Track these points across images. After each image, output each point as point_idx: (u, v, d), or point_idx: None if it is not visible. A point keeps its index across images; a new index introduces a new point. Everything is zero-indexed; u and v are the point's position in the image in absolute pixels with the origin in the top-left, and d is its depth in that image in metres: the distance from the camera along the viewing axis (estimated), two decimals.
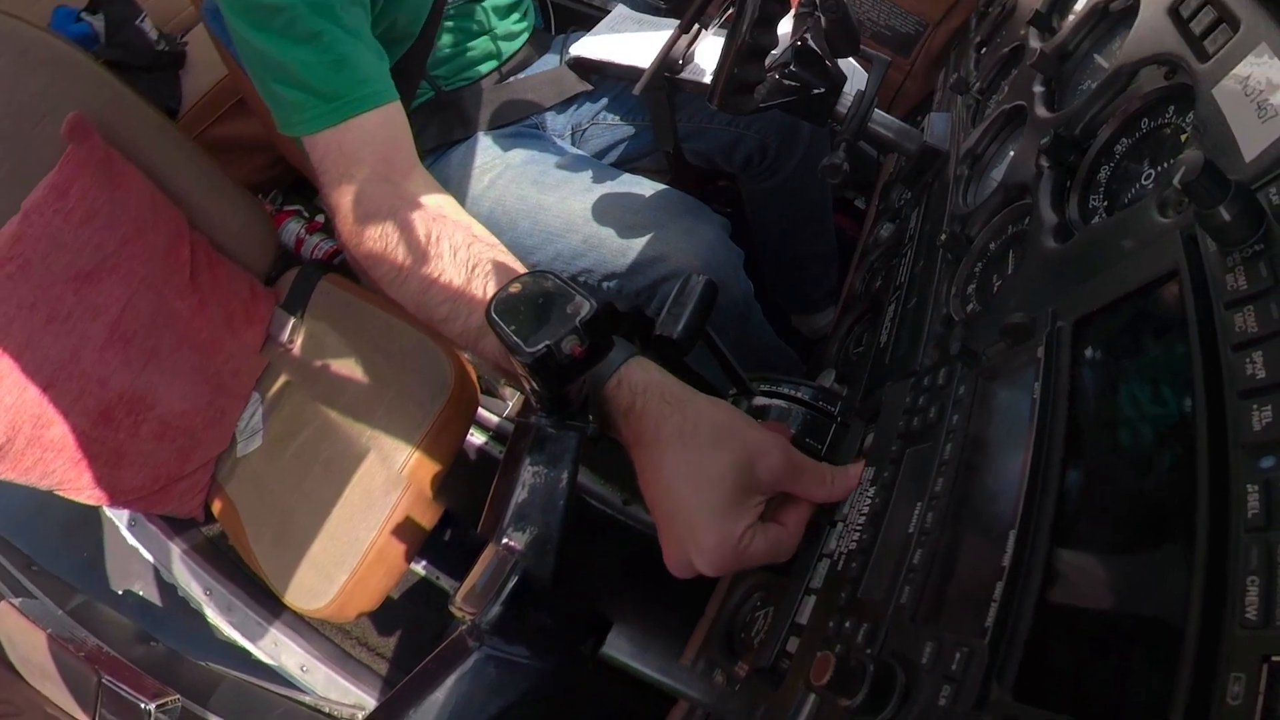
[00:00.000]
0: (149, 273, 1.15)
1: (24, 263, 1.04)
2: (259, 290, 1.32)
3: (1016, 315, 0.48)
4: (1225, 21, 0.44)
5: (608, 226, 1.06)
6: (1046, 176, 0.60)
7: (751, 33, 0.69)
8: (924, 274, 0.77)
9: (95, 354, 1.10)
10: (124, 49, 1.73)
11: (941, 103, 1.09)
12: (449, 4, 1.08)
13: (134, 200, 1.14)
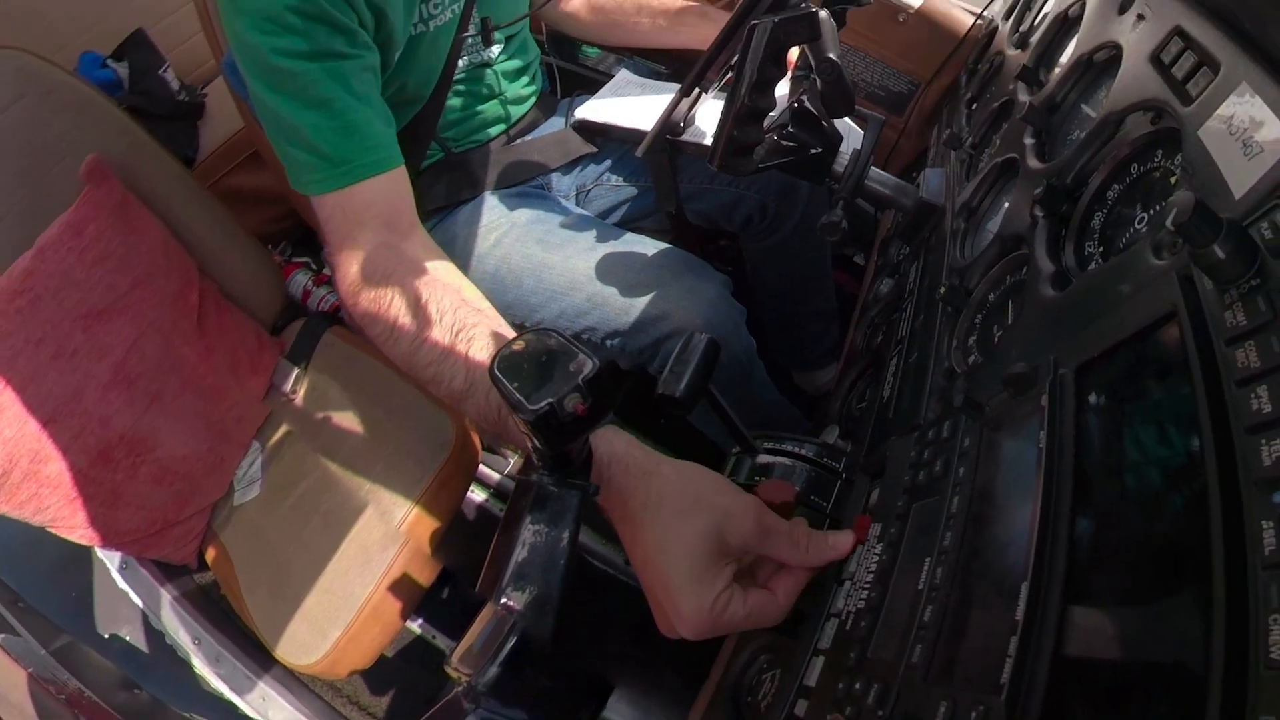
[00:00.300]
0: (158, 316, 1.16)
1: (34, 297, 1.05)
2: (265, 339, 1.33)
3: (1018, 365, 0.48)
4: (1206, 65, 0.46)
5: (611, 285, 1.07)
6: (1041, 226, 0.61)
7: (750, 96, 0.71)
8: (924, 328, 0.77)
9: (98, 393, 1.10)
10: (146, 97, 1.79)
11: (936, 158, 1.12)
12: (459, 69, 1.12)
13: (147, 244, 1.16)
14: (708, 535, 0.57)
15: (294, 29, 0.80)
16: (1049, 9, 0.90)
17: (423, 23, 1.00)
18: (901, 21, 1.37)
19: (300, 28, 0.80)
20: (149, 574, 1.26)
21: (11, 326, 1.03)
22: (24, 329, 1.04)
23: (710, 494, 0.60)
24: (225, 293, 1.30)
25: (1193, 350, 0.35)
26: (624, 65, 1.53)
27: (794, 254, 1.38)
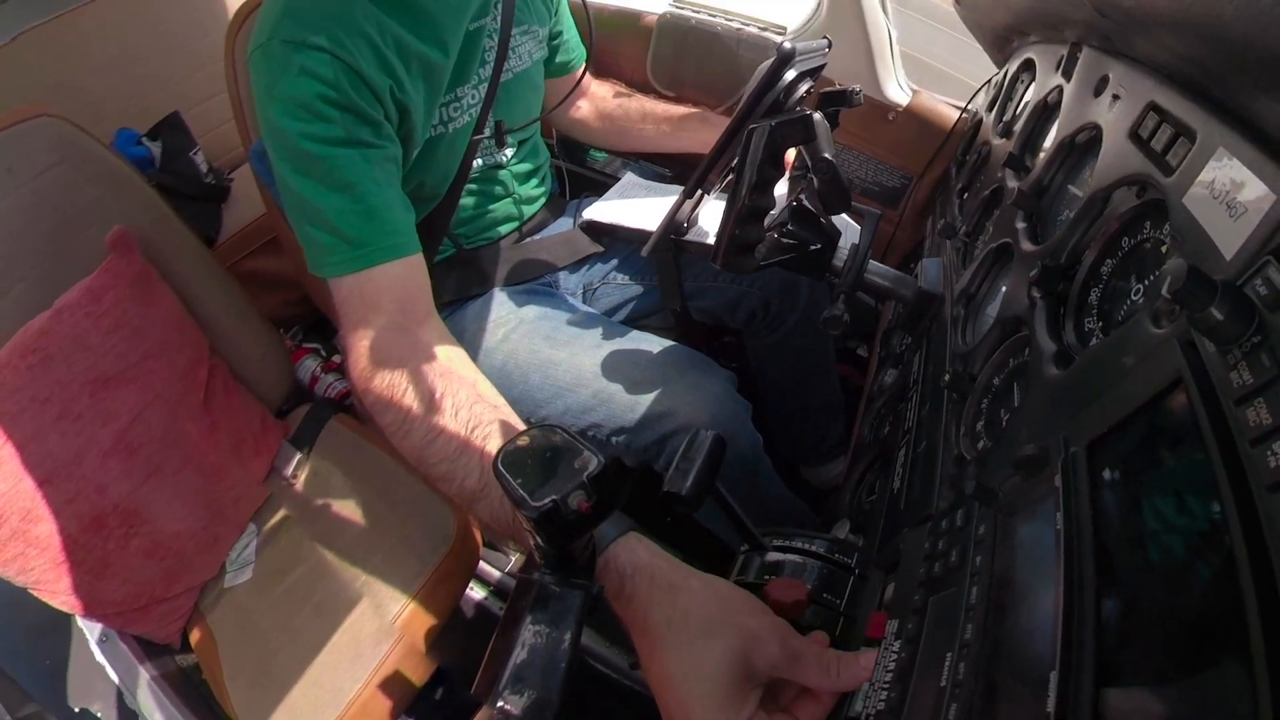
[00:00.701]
0: (165, 390, 1.18)
1: (46, 357, 1.07)
2: (270, 422, 1.34)
3: (1028, 447, 0.48)
4: (1182, 135, 0.47)
5: (616, 382, 1.08)
6: (1040, 307, 0.62)
7: (750, 196, 0.74)
8: (931, 416, 0.77)
9: (98, 459, 1.10)
10: (175, 176, 1.88)
11: (932, 249, 1.14)
12: (474, 169, 1.18)
13: (162, 317, 1.19)
14: (734, 659, 0.55)
15: (324, 116, 0.86)
16: (1029, 98, 0.95)
17: (442, 124, 1.06)
18: (891, 120, 1.45)
19: (330, 116, 0.86)
20: (129, 649, 1.21)
21: (20, 383, 1.05)
22: (32, 386, 1.05)
23: (738, 615, 0.57)
24: (234, 372, 1.33)
25: (1202, 414, 0.34)
26: (630, 168, 1.61)
27: (797, 349, 1.39)
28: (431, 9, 0.97)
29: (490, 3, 1.08)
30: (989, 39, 1.22)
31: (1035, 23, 0.92)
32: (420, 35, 0.96)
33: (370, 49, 0.89)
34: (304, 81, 0.85)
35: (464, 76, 1.06)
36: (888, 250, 1.51)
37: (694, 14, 1.60)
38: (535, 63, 1.22)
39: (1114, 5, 0.52)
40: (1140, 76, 0.59)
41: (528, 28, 1.18)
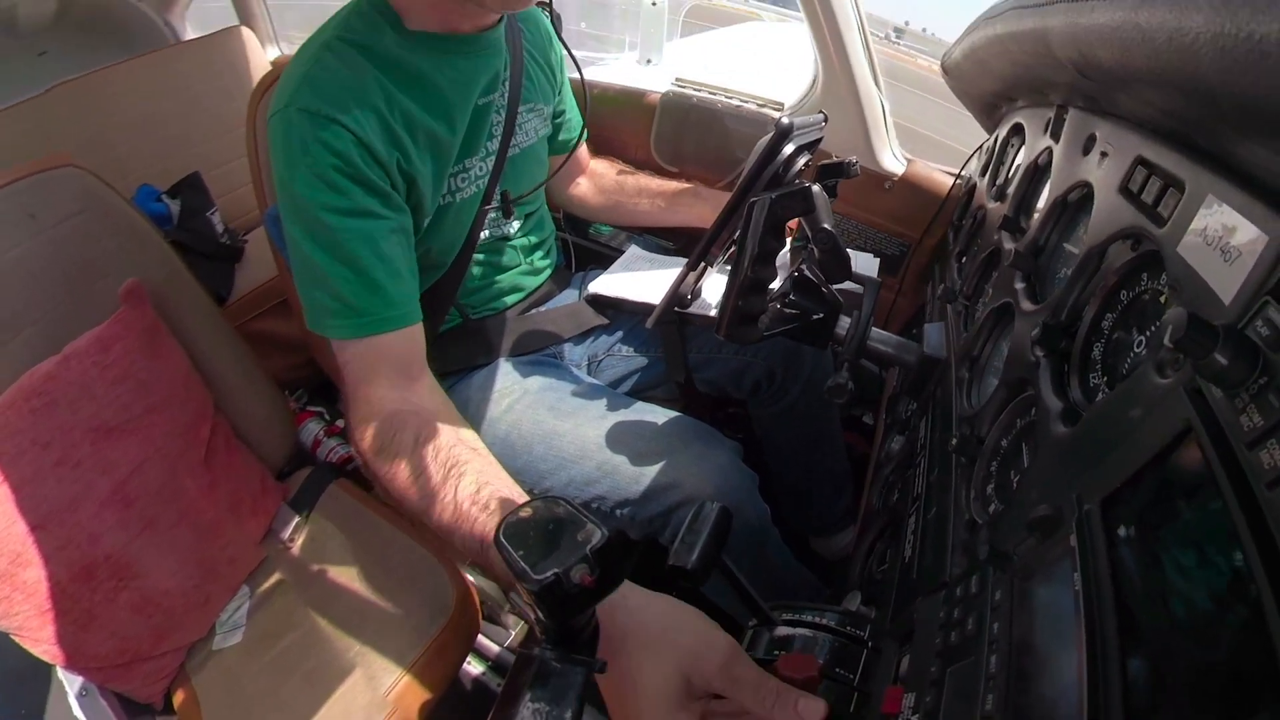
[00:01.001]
0: (167, 444, 1.18)
1: (51, 401, 1.08)
2: (269, 483, 1.35)
3: (1041, 507, 0.47)
4: (1171, 186, 0.48)
5: (621, 454, 1.08)
6: (1043, 365, 0.62)
7: (753, 267, 0.76)
8: (940, 481, 0.76)
9: (94, 508, 1.10)
10: (192, 234, 1.95)
11: (933, 313, 1.15)
12: (481, 240, 1.21)
13: (169, 372, 1.21)
14: (674, 675, 0.57)
15: (336, 187, 0.90)
16: (1020, 161, 0.98)
17: (450, 194, 1.10)
18: (888, 189, 1.49)
19: (341, 186, 0.90)
20: (109, 706, 1.18)
21: (23, 425, 1.05)
22: (34, 430, 1.06)
23: (677, 633, 0.60)
24: (237, 431, 1.33)
25: (1215, 461, 0.33)
26: (634, 242, 1.65)
27: (803, 418, 1.39)
28: (441, 85, 1.02)
29: (498, 80, 1.13)
30: (978, 106, 1.27)
31: (1021, 88, 0.96)
32: (429, 109, 1.00)
33: (379, 122, 0.94)
34: (318, 151, 0.89)
35: (472, 149, 1.10)
36: (890, 317, 1.53)
37: (695, 92, 1.67)
38: (540, 138, 1.26)
39: (1095, 66, 0.54)
40: (1126, 132, 0.61)
41: (533, 105, 1.23)
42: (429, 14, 0.99)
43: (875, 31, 1.49)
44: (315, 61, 0.94)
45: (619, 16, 5.80)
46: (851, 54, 1.40)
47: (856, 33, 1.39)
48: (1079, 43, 0.55)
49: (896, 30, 28.63)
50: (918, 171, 1.47)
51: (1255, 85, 0.32)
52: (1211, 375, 0.35)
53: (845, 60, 1.41)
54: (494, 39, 1.09)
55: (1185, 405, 0.38)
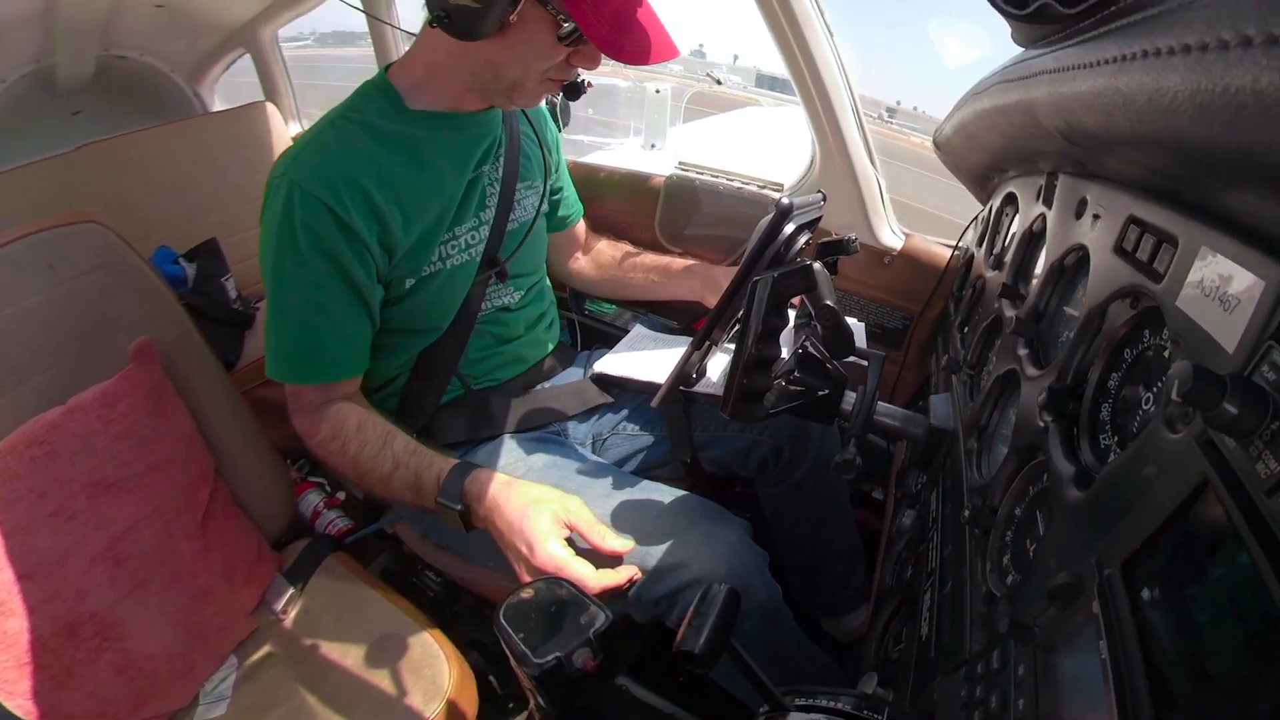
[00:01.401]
0: (164, 504, 1.17)
1: (52, 451, 1.08)
2: (265, 552, 1.33)
3: (1060, 575, 0.46)
4: (1165, 242, 0.49)
5: (626, 533, 1.07)
6: (1052, 430, 0.61)
7: (757, 345, 0.77)
8: (955, 555, 0.74)
9: (84, 564, 1.08)
10: (205, 298, 2.00)
11: (938, 385, 1.15)
12: (482, 311, 1.23)
13: (172, 432, 1.21)
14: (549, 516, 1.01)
15: (303, 256, 1.00)
16: (1015, 229, 1.00)
17: (441, 261, 1.13)
18: (887, 263, 1.52)
19: (309, 258, 1.00)
20: None
21: (21, 471, 1.05)
22: (32, 477, 1.06)
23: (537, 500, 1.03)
24: (236, 497, 1.32)
25: (1236, 513, 0.33)
26: (639, 321, 1.68)
27: (811, 495, 1.37)
28: (435, 157, 1.08)
29: (492, 154, 1.18)
30: (971, 179, 1.31)
31: (1011, 159, 0.99)
32: (422, 179, 1.07)
33: (363, 199, 1.00)
34: (297, 224, 0.98)
35: (462, 217, 1.14)
36: (895, 390, 1.53)
37: (698, 175, 1.73)
38: (538, 214, 1.30)
39: (1081, 132, 0.55)
40: (1116, 193, 0.62)
41: (530, 183, 1.27)
42: (438, 95, 1.08)
43: (869, 112, 1.55)
44: (316, 137, 1.03)
45: (625, 103, 6.06)
46: (847, 135, 1.46)
47: (851, 114, 1.45)
48: (1063, 111, 0.57)
49: (889, 110, 29.91)
50: (916, 245, 1.50)
51: (1236, 136, 0.32)
52: (1223, 425, 0.35)
53: (841, 141, 1.46)
54: (490, 117, 1.16)
55: (1199, 458, 0.37)
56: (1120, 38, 0.43)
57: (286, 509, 1.42)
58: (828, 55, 1.39)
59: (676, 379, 1.05)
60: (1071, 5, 0.53)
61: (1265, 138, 0.30)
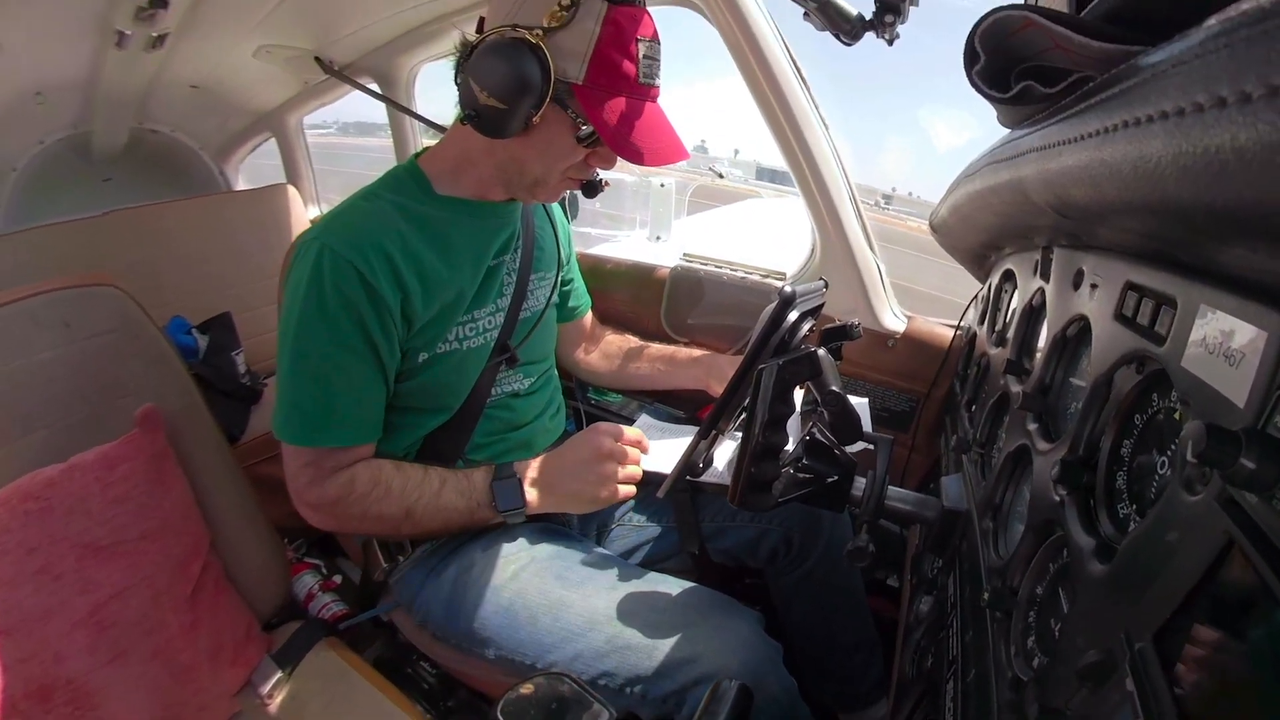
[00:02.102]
0: (154, 574, 1.15)
1: (46, 508, 1.07)
2: (255, 632, 1.29)
3: (1089, 654, 0.44)
4: (1164, 304, 0.49)
5: (633, 626, 1.04)
6: (1068, 503, 0.60)
7: (764, 433, 0.76)
8: (976, 641, 0.71)
9: (66, 626, 1.05)
10: (215, 370, 2.01)
11: (949, 465, 1.14)
12: (491, 396, 1.24)
13: (170, 501, 1.19)
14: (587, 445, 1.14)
15: (330, 317, 1.02)
16: (1015, 305, 1.01)
17: (457, 342, 1.15)
18: (891, 347, 1.53)
19: (336, 318, 1.02)
20: None
21: (13, 525, 1.04)
22: (23, 532, 1.04)
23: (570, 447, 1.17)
24: (229, 573, 1.29)
25: (1266, 569, 0.32)
26: (645, 410, 1.68)
27: (824, 585, 1.33)
28: (458, 242, 1.12)
29: (511, 244, 1.22)
30: (968, 259, 1.33)
31: (1006, 236, 1.01)
32: (444, 261, 1.10)
33: (390, 269, 1.03)
34: (328, 286, 1.00)
35: (481, 303, 1.17)
36: (905, 474, 1.51)
37: (702, 265, 1.78)
38: (548, 304, 1.33)
39: (1071, 205, 0.57)
40: (1112, 261, 0.63)
41: (544, 274, 1.31)
42: (466, 184, 1.15)
43: (865, 199, 1.60)
44: (350, 207, 1.09)
45: (631, 196, 6.28)
46: (846, 223, 1.50)
47: (849, 202, 1.50)
48: (1053, 186, 0.58)
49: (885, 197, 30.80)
50: (918, 327, 1.51)
51: (1222, 194, 0.33)
52: (1243, 481, 0.34)
53: (840, 229, 1.50)
54: (511, 208, 1.21)
55: (1222, 518, 0.36)
56: (1101, 111, 0.45)
57: (280, 589, 1.39)
58: (824, 148, 1.45)
59: (683, 469, 1.04)
60: (1052, 85, 0.55)
61: (1250, 193, 0.31)
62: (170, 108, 2.52)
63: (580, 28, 0.96)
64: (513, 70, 0.94)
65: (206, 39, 1.91)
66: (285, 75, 2.36)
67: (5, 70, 1.84)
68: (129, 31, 1.66)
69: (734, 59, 1.42)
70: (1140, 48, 0.45)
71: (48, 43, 1.76)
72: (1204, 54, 0.31)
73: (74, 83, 2.09)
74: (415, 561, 1.21)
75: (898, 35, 1.00)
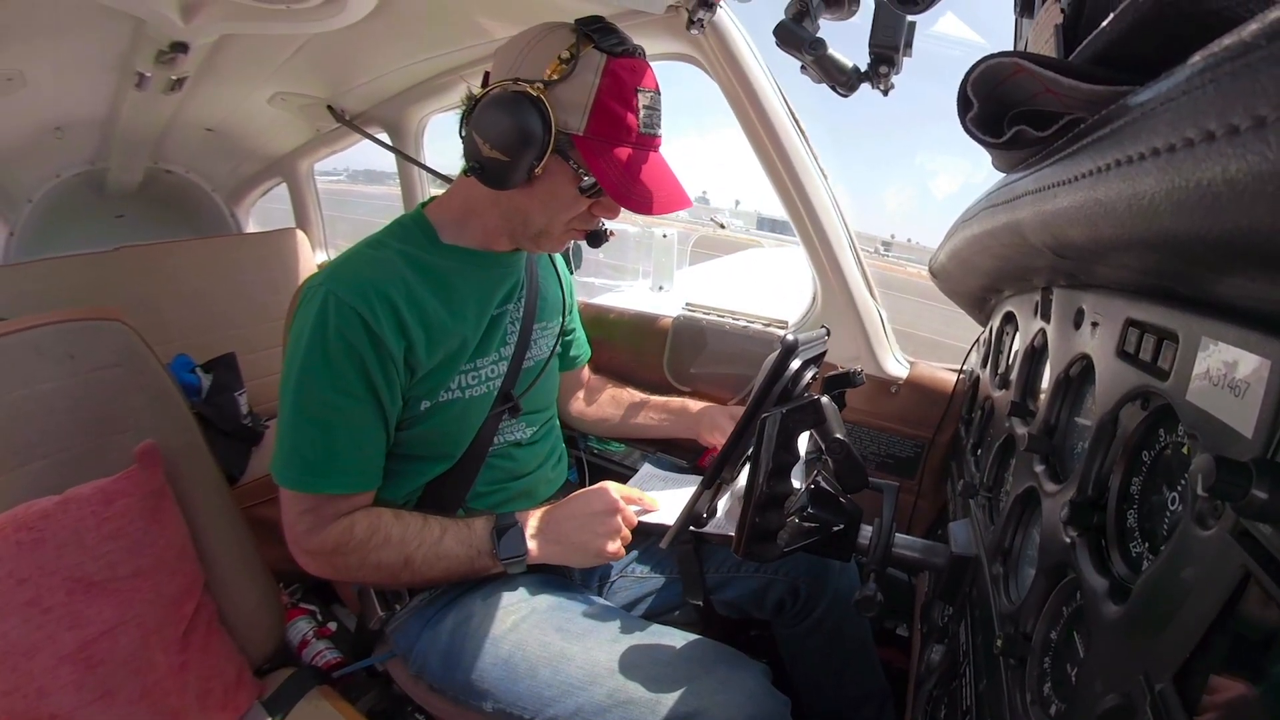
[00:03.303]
0: (145, 613, 1.13)
1: (39, 539, 1.06)
2: (246, 678, 1.26)
3: (1109, 698, 0.44)
4: (1165, 339, 0.49)
5: (635, 680, 1.01)
6: (1079, 545, 0.59)
7: (768, 483, 0.76)
8: (991, 690, 0.69)
9: (52, 662, 1.04)
10: (216, 410, 2.00)
11: (956, 511, 1.12)
12: (494, 445, 1.23)
13: (164, 540, 1.18)
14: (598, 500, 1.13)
15: (333, 363, 1.02)
16: (1017, 347, 1.00)
17: (460, 390, 1.15)
18: (894, 392, 1.52)
19: (339, 364, 1.02)
20: None
21: (4, 555, 1.03)
22: (14, 562, 1.04)
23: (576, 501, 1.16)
24: (222, 615, 1.26)
25: None
26: (648, 460, 1.66)
27: (832, 636, 1.30)
28: (462, 290, 1.13)
29: (515, 294, 1.23)
30: (969, 303, 1.34)
31: (1005, 279, 1.01)
32: (448, 309, 1.10)
33: (393, 315, 1.04)
34: (332, 333, 1.01)
35: (484, 351, 1.18)
36: (912, 520, 1.49)
37: (704, 315, 1.79)
38: (553, 353, 1.34)
39: (1068, 245, 0.57)
40: (1111, 299, 0.63)
41: (546, 324, 1.31)
42: (471, 234, 1.16)
43: (865, 247, 1.62)
44: (355, 255, 1.09)
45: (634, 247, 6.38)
46: (846, 270, 1.51)
47: (848, 250, 1.51)
48: (1049, 227, 0.59)
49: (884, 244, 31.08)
50: (921, 372, 1.51)
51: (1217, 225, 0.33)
52: (1256, 513, 0.33)
53: (841, 276, 1.52)
54: (515, 258, 1.22)
55: (1238, 551, 0.35)
56: (1093, 151, 0.45)
57: (274, 634, 1.36)
58: (824, 197, 1.47)
59: (686, 520, 1.03)
60: (1044, 129, 0.56)
61: (1244, 222, 0.31)
62: (185, 149, 2.59)
63: (580, 80, 0.98)
64: (514, 122, 0.96)
65: (223, 84, 1.97)
66: (298, 122, 2.43)
67: (28, 104, 1.89)
68: (149, 73, 1.71)
69: (734, 111, 1.45)
70: (1128, 88, 0.46)
71: (71, 79, 1.82)
72: (1190, 90, 0.32)
73: (93, 120, 2.15)
74: (413, 611, 1.18)
75: (892, 86, 1.03)
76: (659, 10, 1.32)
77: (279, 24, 1.35)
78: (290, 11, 1.30)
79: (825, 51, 1.02)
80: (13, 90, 1.74)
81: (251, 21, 1.35)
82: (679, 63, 1.51)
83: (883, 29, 0.97)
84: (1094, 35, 0.53)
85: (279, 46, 1.72)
